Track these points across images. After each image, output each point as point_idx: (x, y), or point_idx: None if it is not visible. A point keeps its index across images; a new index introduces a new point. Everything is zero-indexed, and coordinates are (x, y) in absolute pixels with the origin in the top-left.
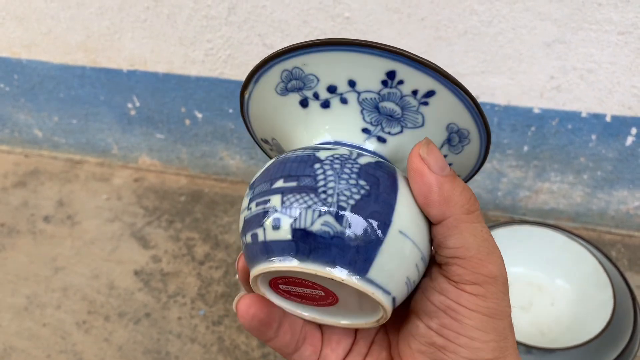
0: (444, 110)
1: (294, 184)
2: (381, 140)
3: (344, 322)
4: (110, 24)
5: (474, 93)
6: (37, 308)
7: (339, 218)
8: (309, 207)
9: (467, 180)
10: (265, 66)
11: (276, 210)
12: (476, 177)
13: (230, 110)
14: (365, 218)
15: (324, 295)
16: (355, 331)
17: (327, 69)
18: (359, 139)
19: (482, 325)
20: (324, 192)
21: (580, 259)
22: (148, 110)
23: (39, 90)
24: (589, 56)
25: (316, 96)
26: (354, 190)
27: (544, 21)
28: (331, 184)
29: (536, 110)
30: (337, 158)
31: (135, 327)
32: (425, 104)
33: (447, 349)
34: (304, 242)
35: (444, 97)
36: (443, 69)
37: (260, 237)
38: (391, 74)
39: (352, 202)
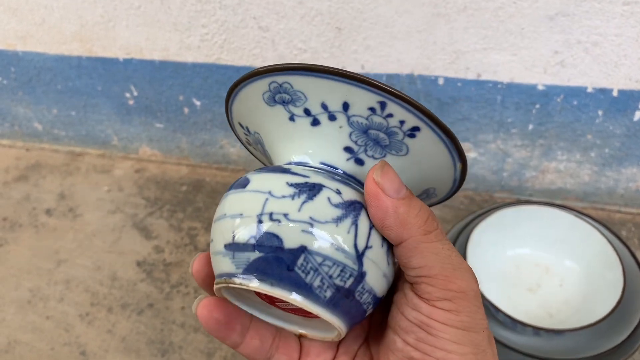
0: (427, 145)
1: None
2: (359, 162)
3: (305, 331)
4: (103, 11)
5: (475, 70)
6: (40, 301)
7: None
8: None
9: (441, 202)
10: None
11: None
12: (480, 157)
13: None
14: None
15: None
16: (338, 345)
17: (319, 91)
18: (338, 158)
19: (457, 339)
20: None
21: (589, 238)
22: (146, 99)
23: (36, 83)
24: (593, 28)
25: (307, 112)
26: None
27: None
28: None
29: (540, 87)
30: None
31: (139, 317)
32: (412, 136)
33: None
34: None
35: (427, 135)
36: (427, 109)
37: None
38: (382, 105)
39: None
